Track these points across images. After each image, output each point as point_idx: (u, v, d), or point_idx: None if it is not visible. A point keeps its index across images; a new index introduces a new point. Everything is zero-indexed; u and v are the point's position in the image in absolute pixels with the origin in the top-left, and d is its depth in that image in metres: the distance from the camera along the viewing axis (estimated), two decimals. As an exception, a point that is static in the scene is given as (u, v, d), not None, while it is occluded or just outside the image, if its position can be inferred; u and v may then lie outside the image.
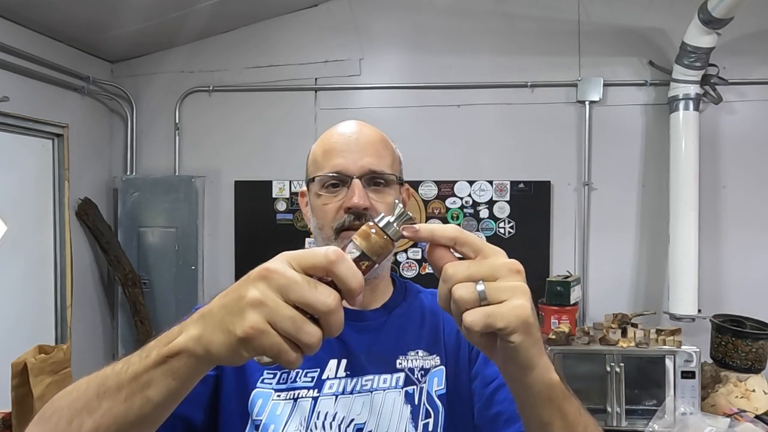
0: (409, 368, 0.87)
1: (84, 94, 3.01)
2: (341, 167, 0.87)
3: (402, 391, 0.85)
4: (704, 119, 2.88)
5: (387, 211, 0.86)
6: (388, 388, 0.85)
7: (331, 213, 0.87)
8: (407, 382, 0.86)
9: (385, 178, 0.89)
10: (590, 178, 3.02)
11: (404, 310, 0.94)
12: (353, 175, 0.86)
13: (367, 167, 0.87)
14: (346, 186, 0.87)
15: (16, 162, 2.61)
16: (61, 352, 1.80)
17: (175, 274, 3.16)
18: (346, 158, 0.87)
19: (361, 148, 0.89)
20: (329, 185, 0.88)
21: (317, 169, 0.90)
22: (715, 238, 2.93)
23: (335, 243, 0.85)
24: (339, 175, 0.87)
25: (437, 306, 0.89)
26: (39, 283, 2.75)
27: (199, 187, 3.17)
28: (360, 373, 0.85)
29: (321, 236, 0.89)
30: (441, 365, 0.88)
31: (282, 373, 0.84)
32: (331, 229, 0.87)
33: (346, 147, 0.89)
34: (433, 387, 0.86)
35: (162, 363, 0.52)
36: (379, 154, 0.90)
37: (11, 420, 1.68)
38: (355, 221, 0.85)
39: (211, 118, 3.26)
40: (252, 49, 3.22)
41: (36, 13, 2.54)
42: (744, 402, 2.41)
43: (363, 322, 0.90)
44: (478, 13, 3.09)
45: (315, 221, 0.91)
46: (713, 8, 2.46)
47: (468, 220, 3.08)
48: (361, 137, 0.90)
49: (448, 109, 3.10)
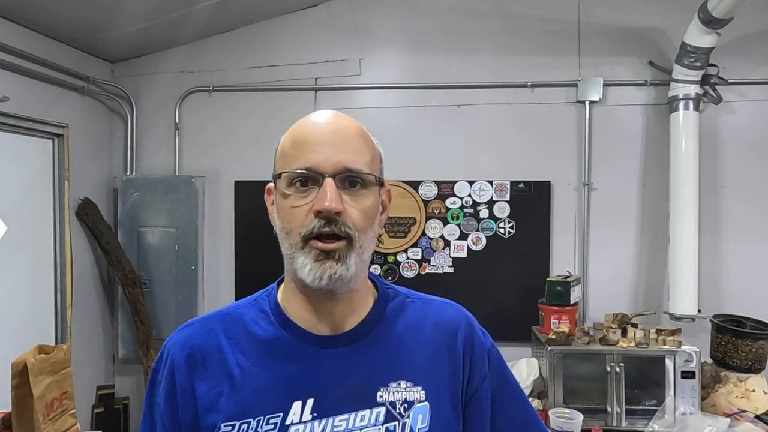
0: (390, 402, 0.77)
1: (84, 94, 3.01)
2: (313, 163, 0.75)
3: (382, 428, 0.75)
4: (704, 119, 2.88)
5: (360, 219, 0.76)
6: (366, 426, 0.75)
7: (300, 217, 0.75)
8: (388, 418, 0.76)
9: (363, 177, 0.77)
10: (590, 178, 3.02)
11: (386, 327, 0.82)
12: (326, 173, 0.74)
13: (343, 164, 0.75)
14: (318, 185, 0.75)
15: (16, 162, 2.61)
16: (61, 352, 1.80)
17: (175, 274, 3.16)
18: (319, 153, 0.75)
19: (337, 143, 0.76)
20: (298, 183, 0.76)
21: (285, 164, 0.78)
22: (715, 238, 2.94)
23: (302, 252, 0.75)
24: (309, 173, 0.75)
25: (426, 320, 0.85)
26: (39, 283, 2.75)
27: (199, 187, 3.17)
28: (331, 413, 0.75)
29: (288, 242, 0.78)
30: (425, 401, 0.78)
31: (241, 423, 0.75)
32: (299, 235, 0.75)
33: (320, 140, 0.76)
34: (417, 424, 0.76)
35: None
36: (357, 149, 0.78)
37: (11, 420, 1.68)
38: (325, 227, 0.74)
39: (211, 118, 3.26)
40: (252, 49, 3.22)
41: (36, 13, 2.54)
42: (744, 402, 2.41)
43: (335, 348, 0.79)
44: (478, 13, 3.09)
45: (281, 224, 0.80)
46: (713, 8, 2.46)
47: (468, 220, 3.08)
48: (337, 129, 0.78)
49: (448, 109, 3.10)
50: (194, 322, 0.87)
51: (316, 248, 0.75)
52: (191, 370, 0.80)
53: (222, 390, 0.78)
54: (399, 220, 3.12)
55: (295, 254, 0.77)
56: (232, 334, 0.83)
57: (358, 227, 0.76)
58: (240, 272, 3.24)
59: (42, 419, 1.68)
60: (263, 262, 3.18)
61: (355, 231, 0.75)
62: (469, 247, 3.07)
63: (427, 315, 0.86)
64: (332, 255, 0.74)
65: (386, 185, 0.85)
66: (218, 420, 0.76)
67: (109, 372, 3.28)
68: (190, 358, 0.81)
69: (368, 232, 0.78)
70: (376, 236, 0.81)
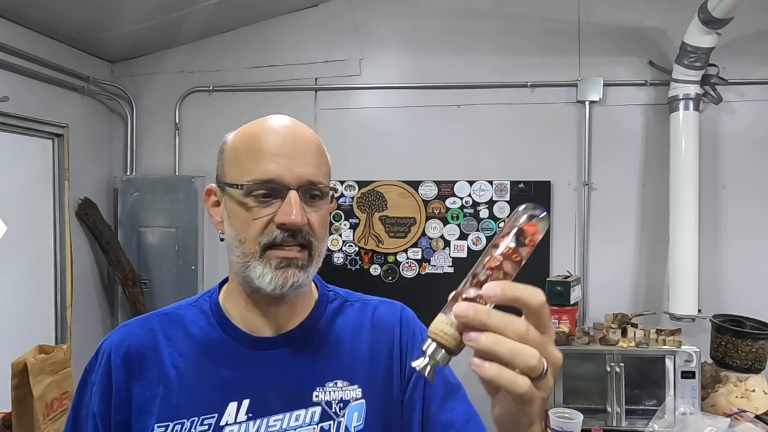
0: (326, 401, 0.77)
1: (84, 94, 3.01)
2: (275, 175, 0.73)
3: (317, 427, 0.76)
4: (704, 119, 2.88)
5: (319, 228, 0.77)
6: (301, 425, 0.76)
7: (259, 227, 0.74)
8: (323, 417, 0.77)
9: (322, 190, 0.77)
10: (590, 178, 3.02)
11: (325, 328, 0.83)
12: (290, 186, 0.73)
13: (306, 177, 0.74)
14: (280, 197, 0.74)
15: (16, 162, 2.61)
16: (61, 352, 1.80)
17: (175, 274, 3.16)
18: (280, 165, 0.74)
19: (299, 154, 0.76)
20: (258, 195, 0.74)
21: (243, 174, 0.75)
22: (715, 238, 2.94)
23: (259, 261, 0.74)
24: (272, 185, 0.74)
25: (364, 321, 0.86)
26: (39, 283, 2.75)
27: (199, 187, 3.17)
28: (266, 413, 0.75)
29: (241, 250, 0.75)
30: (362, 398, 0.79)
31: (175, 424, 0.75)
32: (257, 244, 0.74)
33: (280, 151, 0.75)
34: (352, 422, 0.77)
35: None
36: (316, 161, 0.78)
37: (11, 420, 1.68)
38: (289, 237, 0.74)
39: (211, 118, 3.26)
40: (252, 49, 3.22)
41: (36, 13, 2.54)
42: (744, 402, 2.41)
43: (273, 350, 0.79)
44: (479, 13, 3.09)
45: (233, 232, 0.76)
46: (713, 8, 2.46)
47: (468, 220, 3.08)
48: (296, 139, 0.77)
49: (449, 109, 3.10)
50: (131, 322, 0.86)
51: (277, 257, 0.75)
52: (128, 370, 0.79)
53: (156, 392, 0.77)
54: (399, 220, 3.12)
55: (251, 263, 0.75)
56: (170, 334, 0.82)
57: (317, 236, 0.77)
58: (240, 272, 3.23)
59: (42, 419, 1.68)
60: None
61: (315, 239, 0.77)
62: (469, 247, 3.07)
63: (364, 315, 0.88)
64: (294, 263, 0.75)
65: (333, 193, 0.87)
66: (151, 421, 0.75)
67: (109, 372, 3.28)
68: (127, 358, 0.80)
69: (325, 239, 0.80)
70: (327, 244, 0.83)
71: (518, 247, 0.50)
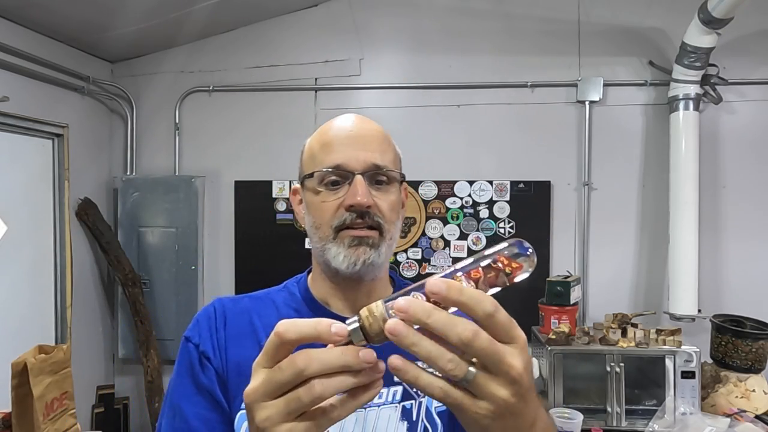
0: None
1: (84, 94, 3.01)
2: (342, 162, 0.80)
3: (399, 406, 0.79)
4: (704, 119, 2.88)
5: (388, 211, 0.82)
6: (384, 403, 0.78)
7: (330, 211, 0.80)
8: (405, 396, 0.80)
9: (389, 174, 0.83)
10: (590, 178, 3.02)
11: None
12: (355, 171, 0.80)
13: (371, 162, 0.80)
14: (347, 182, 0.80)
15: (16, 162, 2.61)
16: (61, 352, 1.80)
17: (175, 274, 3.16)
18: (347, 153, 0.80)
19: (364, 143, 0.82)
20: (329, 182, 0.81)
21: (315, 165, 0.83)
22: (715, 238, 2.94)
23: (333, 243, 0.80)
24: (340, 171, 0.80)
25: None
26: (39, 283, 2.75)
27: (199, 187, 3.17)
28: None
29: (317, 235, 0.83)
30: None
31: None
32: (330, 227, 0.80)
33: (347, 141, 0.82)
34: (432, 402, 0.80)
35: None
36: (381, 149, 0.83)
37: (11, 420, 1.68)
38: (357, 219, 0.79)
39: (211, 118, 3.26)
40: (252, 49, 3.22)
41: (36, 13, 2.54)
42: (744, 402, 2.41)
43: None
44: (478, 13, 3.09)
45: (311, 219, 0.84)
46: (713, 8, 2.46)
47: (468, 220, 3.08)
48: (362, 131, 0.84)
49: (448, 109, 3.10)
50: (223, 298, 0.89)
51: (349, 236, 0.79)
52: (227, 331, 0.83)
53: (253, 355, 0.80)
54: (399, 220, 3.11)
55: (326, 245, 0.81)
56: (262, 312, 0.86)
57: (387, 218, 0.81)
58: (240, 272, 3.24)
59: (42, 419, 1.68)
60: (263, 262, 3.19)
61: (384, 222, 0.81)
62: (469, 247, 3.07)
63: None
64: (365, 241, 0.80)
65: (404, 183, 0.90)
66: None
67: (109, 372, 3.28)
68: (226, 320, 0.84)
69: (396, 223, 0.84)
70: (400, 229, 0.88)
71: (498, 274, 0.48)
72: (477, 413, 0.46)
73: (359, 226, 0.79)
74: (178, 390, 0.82)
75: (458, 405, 0.46)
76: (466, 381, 0.45)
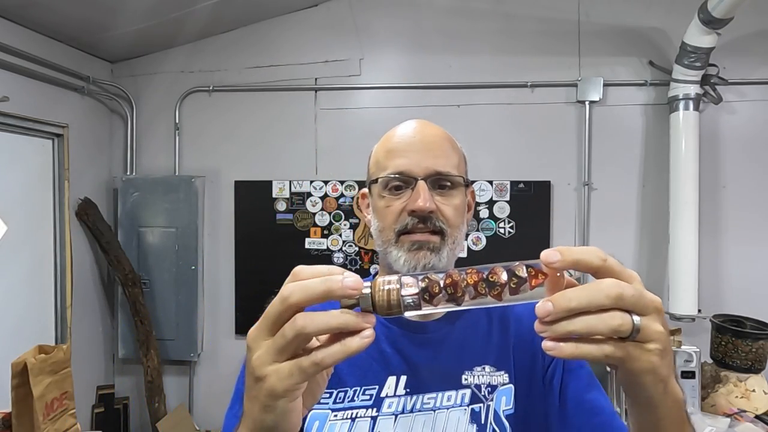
0: (475, 384, 0.81)
1: (84, 94, 3.01)
2: (405, 168, 0.82)
3: (468, 409, 0.79)
4: (704, 119, 2.88)
5: (452, 215, 0.82)
6: (453, 406, 0.79)
7: (393, 215, 0.82)
8: (473, 400, 0.80)
9: (451, 179, 0.83)
10: (590, 178, 3.02)
11: (469, 319, 0.87)
12: (418, 177, 0.81)
13: (433, 168, 0.82)
14: (410, 188, 0.82)
15: (16, 162, 2.61)
16: (61, 352, 1.80)
17: (175, 274, 3.16)
18: (410, 159, 0.82)
19: (426, 148, 0.83)
20: (392, 187, 0.83)
21: (380, 170, 0.85)
22: (715, 238, 2.94)
23: (395, 246, 0.82)
24: (402, 177, 0.82)
25: (506, 314, 0.88)
26: (39, 283, 2.75)
27: (199, 187, 3.17)
28: (421, 390, 0.80)
29: (381, 238, 0.84)
30: (509, 383, 0.82)
31: (338, 391, 0.80)
32: (392, 231, 0.82)
33: (410, 147, 0.84)
34: (501, 406, 0.80)
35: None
36: (445, 154, 0.84)
37: (11, 420, 1.68)
38: (419, 224, 0.81)
39: (211, 118, 3.26)
40: (252, 49, 3.23)
41: (36, 13, 2.54)
42: (744, 402, 2.41)
43: (424, 334, 0.84)
44: (478, 13, 3.09)
45: (376, 223, 0.86)
46: (713, 8, 2.46)
47: (468, 220, 3.08)
48: (425, 136, 0.85)
49: (448, 109, 3.10)
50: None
51: (410, 240, 0.81)
52: None
53: None
54: (399, 220, 3.11)
55: (389, 248, 0.83)
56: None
57: (450, 223, 0.82)
58: (240, 272, 3.24)
59: (42, 419, 1.68)
60: (263, 262, 3.19)
61: (447, 226, 0.82)
62: (469, 247, 3.07)
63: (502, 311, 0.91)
64: (426, 246, 0.81)
65: (470, 186, 0.90)
66: None
67: (109, 372, 3.28)
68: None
69: (460, 228, 0.85)
70: (465, 233, 0.89)
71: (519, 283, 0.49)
72: (649, 358, 0.47)
73: (422, 230, 0.81)
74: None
75: (628, 357, 0.46)
76: (636, 330, 0.46)
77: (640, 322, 0.46)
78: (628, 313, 0.46)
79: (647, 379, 0.49)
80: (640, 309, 0.46)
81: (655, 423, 0.54)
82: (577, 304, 0.45)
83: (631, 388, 0.51)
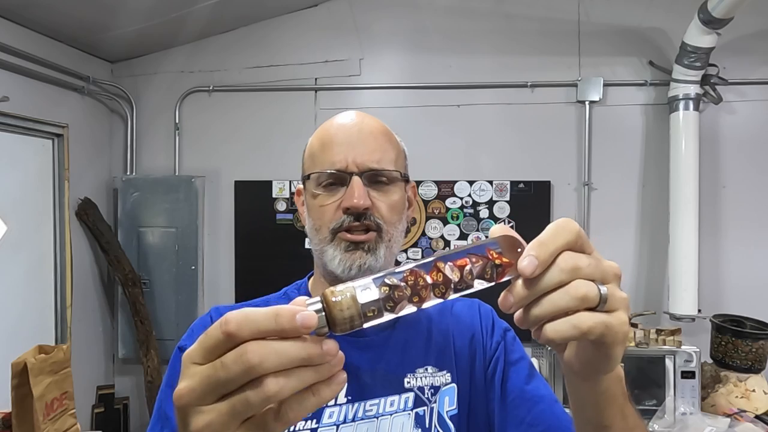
0: (418, 387, 0.79)
1: (84, 94, 3.01)
2: (339, 163, 0.78)
3: (411, 413, 0.77)
4: (704, 119, 2.88)
5: (388, 212, 0.80)
6: (396, 411, 0.77)
7: (329, 213, 0.79)
8: (417, 403, 0.78)
9: (387, 175, 0.80)
10: (590, 178, 3.02)
11: (409, 321, 0.84)
12: (353, 172, 0.78)
13: (367, 164, 0.78)
14: (345, 184, 0.78)
15: (16, 162, 2.61)
16: (61, 352, 1.80)
17: (175, 274, 3.16)
18: (345, 153, 0.78)
19: (362, 142, 0.79)
20: (326, 184, 0.79)
21: (314, 165, 0.81)
22: (715, 238, 2.94)
23: (330, 245, 0.79)
24: (337, 173, 0.78)
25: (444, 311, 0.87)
26: (39, 283, 2.75)
27: (199, 187, 3.17)
28: (364, 396, 0.77)
29: (317, 237, 0.81)
30: (452, 383, 0.81)
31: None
32: (327, 230, 0.79)
33: (345, 141, 0.79)
34: (444, 407, 0.79)
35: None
36: (382, 148, 0.81)
37: (11, 420, 1.68)
38: (355, 222, 0.77)
39: (211, 118, 3.26)
40: (252, 49, 3.22)
41: (36, 13, 2.54)
42: (744, 402, 2.41)
43: (364, 337, 0.81)
44: (478, 13, 3.09)
45: (311, 222, 0.82)
46: (713, 8, 2.46)
47: (468, 220, 3.08)
48: (361, 130, 0.81)
49: (449, 109, 3.10)
50: (221, 308, 0.86)
51: (345, 240, 0.78)
52: None
53: None
54: (399, 220, 3.11)
55: (324, 248, 0.80)
56: None
57: (386, 220, 0.79)
58: (240, 272, 3.23)
59: (42, 419, 1.68)
60: (263, 262, 3.18)
61: (384, 223, 0.79)
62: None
63: (445, 307, 0.89)
64: (362, 246, 0.78)
65: (411, 182, 0.87)
66: None
67: (109, 372, 3.28)
68: None
69: (397, 225, 0.82)
70: (404, 230, 0.85)
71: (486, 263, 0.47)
72: (623, 328, 0.45)
73: (357, 228, 0.78)
74: (169, 400, 0.79)
75: (608, 330, 0.44)
76: (604, 300, 0.44)
77: (605, 288, 0.45)
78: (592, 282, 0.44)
79: (618, 351, 0.47)
80: (601, 277, 0.45)
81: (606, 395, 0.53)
82: (542, 288, 0.44)
83: (593, 363, 0.49)
